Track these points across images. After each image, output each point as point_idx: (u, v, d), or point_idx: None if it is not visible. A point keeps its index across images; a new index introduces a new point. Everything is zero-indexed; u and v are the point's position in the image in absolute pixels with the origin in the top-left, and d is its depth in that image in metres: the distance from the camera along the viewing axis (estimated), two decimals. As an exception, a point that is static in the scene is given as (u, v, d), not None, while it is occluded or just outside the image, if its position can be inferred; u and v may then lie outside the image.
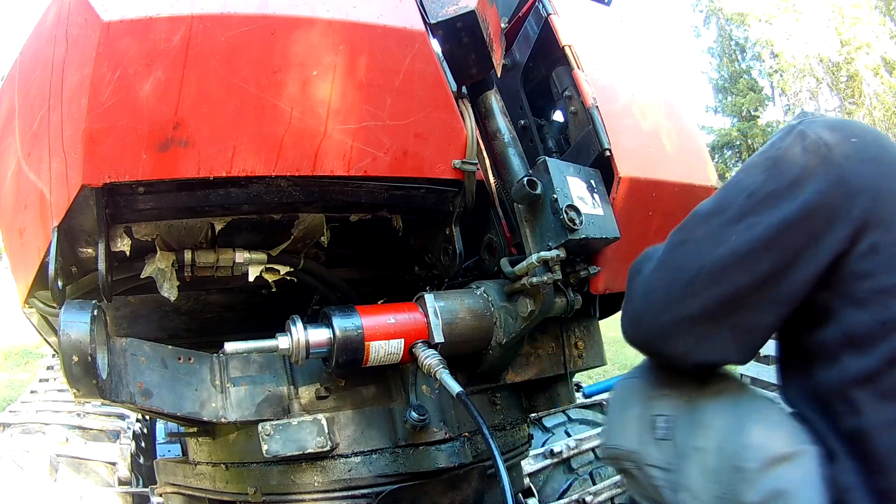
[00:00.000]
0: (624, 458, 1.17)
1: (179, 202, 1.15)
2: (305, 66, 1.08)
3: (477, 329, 1.31)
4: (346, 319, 1.20)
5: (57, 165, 1.06)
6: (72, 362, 1.01)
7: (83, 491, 1.97)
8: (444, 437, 1.33)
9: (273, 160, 1.09)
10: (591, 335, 1.69)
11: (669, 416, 1.12)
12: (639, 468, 1.14)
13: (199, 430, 1.38)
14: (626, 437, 1.16)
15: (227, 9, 1.04)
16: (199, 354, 1.26)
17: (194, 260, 1.24)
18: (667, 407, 1.13)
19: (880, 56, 11.70)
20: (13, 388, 4.85)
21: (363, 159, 1.16)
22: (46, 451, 2.05)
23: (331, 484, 1.27)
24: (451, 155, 1.25)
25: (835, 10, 11.83)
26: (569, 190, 1.26)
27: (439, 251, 1.43)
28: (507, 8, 1.62)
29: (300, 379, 1.31)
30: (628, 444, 1.15)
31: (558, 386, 1.67)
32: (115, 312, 1.49)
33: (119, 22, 0.99)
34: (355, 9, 1.13)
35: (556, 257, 1.23)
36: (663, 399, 1.15)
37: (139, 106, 1.01)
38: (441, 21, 1.23)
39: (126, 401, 1.13)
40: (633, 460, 1.15)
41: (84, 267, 1.24)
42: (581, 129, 1.44)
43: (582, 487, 2.20)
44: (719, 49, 16.62)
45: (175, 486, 1.54)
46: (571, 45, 1.45)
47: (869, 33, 11.67)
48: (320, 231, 1.34)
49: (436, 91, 1.20)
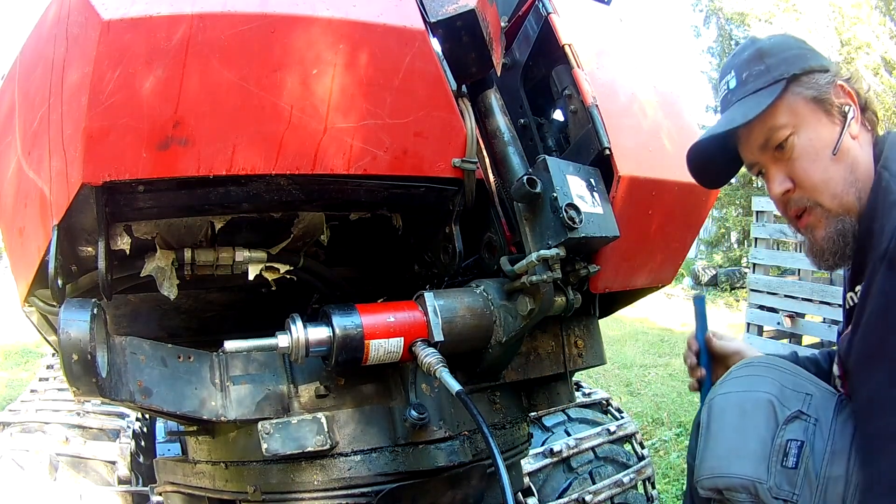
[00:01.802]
0: (740, 490, 1.07)
1: (179, 201, 1.15)
2: (305, 65, 1.09)
3: (477, 328, 1.31)
4: (346, 318, 1.20)
5: (57, 164, 1.06)
6: (71, 361, 1.02)
7: (83, 490, 1.96)
8: (443, 435, 1.33)
9: (273, 159, 1.09)
10: (590, 334, 1.69)
11: (802, 443, 1.06)
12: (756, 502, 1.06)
13: (199, 429, 1.38)
14: (748, 466, 1.07)
15: (228, 7, 1.04)
16: (198, 353, 1.26)
17: (194, 258, 1.25)
18: (800, 431, 1.07)
19: (880, 56, 11.69)
20: (13, 388, 4.85)
21: (363, 158, 1.16)
22: (46, 450, 2.05)
23: (330, 483, 1.27)
24: (450, 154, 1.25)
25: (835, 10, 11.81)
26: (568, 188, 1.26)
27: (439, 250, 1.43)
28: (507, 7, 1.62)
29: (300, 377, 1.31)
30: (753, 472, 1.06)
31: (558, 385, 1.68)
32: (114, 311, 1.49)
33: (119, 20, 0.99)
34: (355, 7, 1.13)
35: (555, 256, 1.23)
36: (795, 422, 1.08)
37: (139, 104, 1.01)
38: (441, 20, 1.23)
39: (126, 399, 1.13)
40: (755, 492, 1.06)
41: (84, 265, 1.24)
42: (581, 127, 1.44)
43: (581, 487, 2.20)
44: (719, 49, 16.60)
45: (175, 484, 1.54)
46: (571, 44, 1.45)
47: (869, 33, 11.66)
48: (320, 229, 1.34)
49: (436, 90, 1.20)
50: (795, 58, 1.23)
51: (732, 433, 1.12)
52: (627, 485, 2.29)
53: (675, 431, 3.89)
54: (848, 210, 1.20)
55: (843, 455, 1.05)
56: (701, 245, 14.67)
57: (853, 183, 1.19)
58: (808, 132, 1.21)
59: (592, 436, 2.38)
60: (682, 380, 5.18)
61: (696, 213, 1.66)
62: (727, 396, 1.18)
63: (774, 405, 1.11)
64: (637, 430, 2.56)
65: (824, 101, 1.21)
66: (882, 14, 12.06)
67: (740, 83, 1.26)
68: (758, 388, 1.15)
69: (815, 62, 1.23)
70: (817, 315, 5.49)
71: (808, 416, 1.11)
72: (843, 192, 1.20)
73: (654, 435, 3.91)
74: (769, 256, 5.91)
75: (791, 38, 1.30)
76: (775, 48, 1.25)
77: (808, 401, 1.13)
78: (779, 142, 1.23)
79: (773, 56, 1.24)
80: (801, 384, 1.17)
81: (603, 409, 2.68)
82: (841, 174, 1.20)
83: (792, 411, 1.10)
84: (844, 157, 1.20)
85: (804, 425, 1.09)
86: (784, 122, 1.22)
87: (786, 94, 1.21)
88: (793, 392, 1.14)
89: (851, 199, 1.19)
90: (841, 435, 1.08)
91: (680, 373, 5.36)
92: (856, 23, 11.65)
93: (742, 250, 13.24)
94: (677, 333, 7.09)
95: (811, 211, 1.23)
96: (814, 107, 1.22)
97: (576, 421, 2.51)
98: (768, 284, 5.94)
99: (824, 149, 1.20)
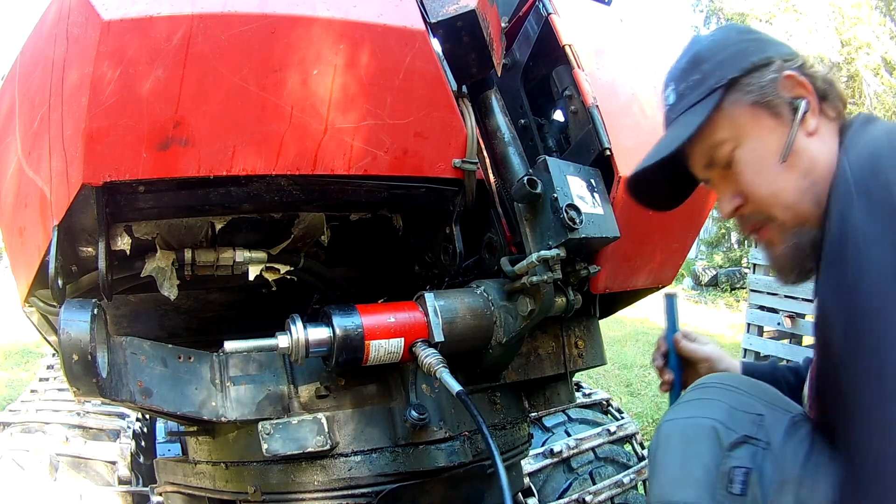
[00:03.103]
0: None
1: (180, 201, 1.15)
2: (305, 65, 1.08)
3: (477, 328, 1.31)
4: (346, 318, 1.20)
5: (57, 164, 1.06)
6: (72, 361, 1.02)
7: (83, 490, 1.97)
8: (443, 436, 1.33)
9: (273, 159, 1.09)
10: (591, 334, 1.69)
11: (748, 469, 1.00)
12: None
13: (199, 429, 1.38)
14: (692, 493, 1.02)
15: (228, 8, 1.04)
16: (198, 353, 1.26)
17: (194, 259, 1.25)
18: (747, 457, 1.02)
19: (880, 56, 11.69)
20: (13, 388, 4.84)
21: (363, 158, 1.16)
22: (46, 450, 2.05)
23: (330, 483, 1.27)
24: (451, 154, 1.25)
25: (835, 10, 11.82)
26: (569, 189, 1.26)
27: (439, 250, 1.43)
28: (508, 7, 1.62)
29: (300, 378, 1.31)
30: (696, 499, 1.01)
31: (558, 385, 1.68)
32: (115, 311, 1.49)
33: (119, 21, 0.99)
34: (355, 8, 1.13)
35: (556, 256, 1.23)
36: (742, 447, 1.02)
37: (139, 105, 1.01)
38: (441, 20, 1.23)
39: (126, 399, 1.13)
40: None
41: (84, 266, 1.24)
42: (581, 128, 1.44)
43: (581, 487, 2.20)
44: (719, 49, 16.60)
45: (175, 485, 1.54)
46: (572, 44, 1.45)
47: (869, 33, 11.66)
48: (320, 230, 1.34)
49: (436, 90, 1.20)
50: (733, 57, 1.10)
51: (676, 461, 1.07)
52: (628, 485, 2.29)
53: (675, 432, 3.89)
54: (804, 220, 1.08)
55: (791, 484, 0.99)
56: (701, 245, 14.67)
57: (808, 188, 1.07)
58: (751, 143, 1.10)
59: (593, 436, 2.38)
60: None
61: (697, 214, 1.66)
62: (672, 423, 1.12)
63: (718, 430, 1.05)
64: (637, 431, 2.56)
65: (768, 103, 1.08)
66: (882, 14, 12.07)
67: (678, 97, 1.16)
68: (702, 414, 1.09)
69: (756, 56, 1.09)
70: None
71: (758, 439, 1.04)
72: (797, 201, 1.07)
73: (655, 435, 3.91)
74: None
75: (732, 31, 1.17)
76: (712, 49, 1.13)
77: (759, 422, 1.06)
78: (722, 159, 1.12)
79: (709, 60, 1.12)
80: (751, 405, 1.08)
81: (603, 410, 2.68)
82: (793, 183, 1.07)
83: (738, 436, 1.04)
84: (797, 161, 1.07)
85: (752, 450, 1.03)
86: (724, 137, 1.11)
87: (722, 105, 1.09)
88: (743, 413, 1.07)
89: (807, 206, 1.07)
90: (791, 460, 1.01)
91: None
92: (856, 23, 11.65)
93: (742, 251, 13.23)
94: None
95: (766, 225, 1.13)
96: (756, 112, 1.09)
97: (576, 421, 2.51)
98: (768, 285, 5.93)
99: (771, 157, 1.08)
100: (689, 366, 1.43)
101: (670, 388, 1.43)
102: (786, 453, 1.02)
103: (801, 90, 1.09)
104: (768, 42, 1.14)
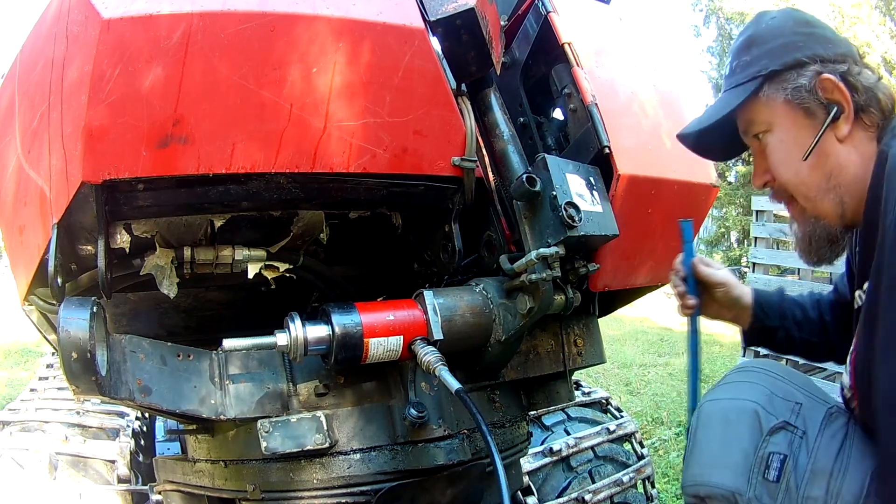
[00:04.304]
0: (719, 499, 1.04)
1: (179, 199, 1.15)
2: (305, 63, 1.09)
3: (476, 326, 1.31)
4: (345, 316, 1.20)
5: (57, 162, 1.06)
6: (71, 359, 1.02)
7: (82, 489, 1.97)
8: (443, 434, 1.33)
9: (272, 157, 1.09)
10: (590, 333, 1.69)
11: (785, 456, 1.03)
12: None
13: (199, 428, 1.38)
14: (728, 476, 1.04)
15: (227, 6, 1.04)
16: (198, 351, 1.26)
17: (194, 257, 1.25)
18: (784, 444, 1.04)
19: (880, 56, 11.70)
20: (13, 387, 4.84)
21: (363, 156, 1.16)
22: (46, 448, 2.05)
23: (330, 481, 1.27)
24: (450, 152, 1.25)
25: (835, 10, 11.82)
26: (568, 187, 1.26)
27: (438, 248, 1.43)
28: (507, 5, 1.62)
29: (299, 376, 1.31)
30: (733, 483, 1.03)
31: (558, 383, 1.68)
32: (114, 309, 1.49)
33: (119, 19, 0.99)
34: (355, 6, 1.13)
35: (555, 254, 1.23)
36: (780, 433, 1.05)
37: (139, 103, 1.01)
38: (441, 18, 1.23)
39: (125, 398, 1.13)
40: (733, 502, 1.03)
41: (84, 264, 1.24)
42: (580, 126, 1.45)
43: (581, 486, 2.20)
44: (719, 48, 16.61)
45: (174, 483, 1.54)
46: (571, 42, 1.45)
47: (869, 33, 11.67)
48: (320, 228, 1.34)
49: (435, 88, 1.20)
50: (782, 49, 1.15)
51: (716, 442, 1.10)
52: (627, 484, 2.29)
53: (674, 430, 3.90)
54: (822, 215, 1.15)
55: (823, 476, 1.01)
56: (701, 244, 14.68)
57: (831, 190, 1.12)
58: (780, 133, 1.17)
59: (592, 435, 2.38)
60: (681, 379, 5.18)
61: (696, 212, 1.66)
62: (714, 403, 1.15)
63: (759, 414, 1.08)
64: (637, 430, 2.56)
65: (801, 102, 1.13)
66: (882, 14, 12.07)
67: (731, 71, 1.23)
68: (745, 396, 1.12)
69: (805, 52, 1.13)
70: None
71: (795, 427, 1.07)
72: (817, 197, 1.14)
73: (654, 434, 3.91)
74: (769, 256, 5.90)
75: (791, 18, 1.19)
76: (767, 35, 1.18)
77: (797, 410, 1.09)
78: (754, 134, 1.21)
79: (760, 46, 1.17)
80: (791, 392, 1.12)
81: (602, 408, 2.68)
82: (815, 180, 1.14)
83: (778, 421, 1.06)
84: (822, 162, 1.12)
85: (789, 437, 1.05)
86: (759, 119, 1.19)
87: (759, 94, 1.16)
88: (782, 400, 1.10)
89: (828, 205, 1.13)
90: (825, 452, 1.04)
91: (680, 372, 5.35)
92: (856, 22, 11.66)
93: (742, 250, 13.25)
94: (677, 333, 7.08)
95: (791, 202, 1.21)
96: (789, 107, 1.14)
97: (575, 420, 2.51)
98: (768, 284, 5.93)
99: (796, 152, 1.14)
100: (704, 290, 1.46)
101: (692, 311, 1.45)
102: (820, 444, 1.04)
103: (837, 95, 1.11)
104: (822, 39, 1.16)
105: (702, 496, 1.08)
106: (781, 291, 1.52)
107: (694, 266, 1.44)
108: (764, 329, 1.47)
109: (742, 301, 1.47)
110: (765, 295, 1.49)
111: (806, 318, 1.47)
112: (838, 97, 1.11)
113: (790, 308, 1.48)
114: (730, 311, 1.48)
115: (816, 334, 1.46)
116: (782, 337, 1.47)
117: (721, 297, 1.45)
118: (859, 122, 1.12)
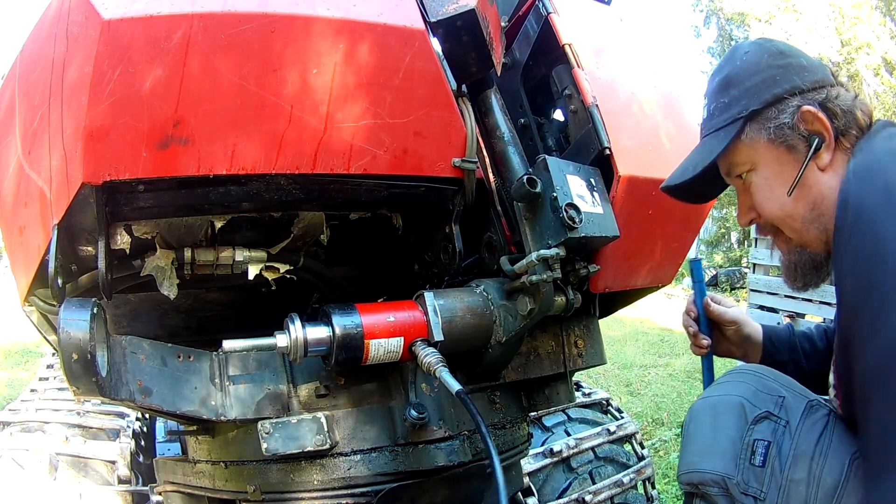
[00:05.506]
0: (711, 484, 1.12)
1: (179, 200, 1.15)
2: (305, 64, 1.08)
3: (476, 327, 1.31)
4: (346, 317, 1.20)
5: (57, 163, 1.06)
6: (71, 360, 1.02)
7: (83, 489, 1.97)
8: (443, 435, 1.33)
9: (273, 158, 1.09)
10: (590, 334, 1.69)
11: (769, 443, 1.09)
12: (727, 496, 1.10)
13: (199, 429, 1.38)
14: (718, 462, 1.11)
15: (228, 7, 1.04)
16: (198, 352, 1.26)
17: (194, 258, 1.25)
18: (768, 432, 1.11)
19: (880, 56, 11.71)
20: (13, 387, 4.84)
21: (363, 157, 1.16)
22: (46, 449, 2.05)
23: (330, 482, 1.27)
24: (450, 153, 1.25)
25: (835, 10, 11.83)
26: (568, 188, 1.26)
27: (439, 249, 1.43)
28: (508, 6, 1.62)
29: (299, 377, 1.31)
30: (722, 468, 1.10)
31: (558, 385, 1.68)
32: (114, 310, 1.49)
33: (119, 20, 0.99)
34: (355, 7, 1.13)
35: (555, 255, 1.23)
36: (764, 423, 1.11)
37: (139, 104, 1.01)
38: (441, 19, 1.23)
39: (125, 399, 1.13)
40: (725, 487, 1.10)
41: (84, 265, 1.24)
42: (581, 127, 1.44)
43: (581, 487, 2.20)
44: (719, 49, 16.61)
45: (175, 484, 1.54)
46: (571, 43, 1.45)
47: (869, 33, 11.68)
48: (320, 229, 1.34)
49: (436, 89, 1.20)
50: (760, 86, 1.16)
51: (706, 433, 1.17)
52: (627, 485, 2.29)
53: (674, 431, 3.89)
54: (807, 244, 1.18)
55: (805, 459, 1.07)
56: (701, 245, 14.68)
57: (815, 219, 1.15)
58: (763, 171, 1.18)
59: (592, 436, 2.38)
60: (681, 380, 5.17)
61: (696, 213, 1.66)
62: (704, 401, 1.23)
63: (745, 406, 1.14)
64: (637, 430, 2.56)
65: (784, 140, 1.14)
66: (882, 14, 12.08)
67: (710, 114, 1.24)
68: (731, 392, 1.19)
69: (783, 86, 1.14)
70: (817, 315, 5.49)
71: (778, 417, 1.13)
72: (803, 227, 1.17)
73: (654, 435, 3.91)
74: (769, 256, 5.91)
75: (766, 51, 1.19)
76: (743, 73, 1.18)
77: (780, 403, 1.15)
78: (738, 174, 1.23)
79: (738, 86, 1.18)
80: (774, 388, 1.18)
81: (603, 409, 2.68)
82: (800, 212, 1.16)
83: (761, 412, 1.13)
84: (805, 194, 1.15)
85: (773, 426, 1.11)
86: (741, 161, 1.20)
87: (742, 135, 1.17)
88: (766, 395, 1.16)
89: (813, 233, 1.16)
90: (805, 438, 1.09)
91: (680, 373, 5.35)
92: (856, 23, 11.66)
93: (742, 250, 13.24)
94: (677, 333, 7.08)
95: (778, 234, 1.24)
96: (771, 147, 1.16)
97: (576, 421, 2.51)
98: (768, 284, 5.94)
99: (780, 188, 1.16)
100: (716, 328, 1.50)
101: (706, 351, 1.49)
102: (801, 431, 1.10)
103: (818, 125, 1.13)
104: (797, 69, 1.16)
105: (695, 482, 1.15)
106: (790, 326, 1.54)
107: (706, 305, 1.48)
108: (774, 364, 1.46)
109: (753, 338, 1.49)
110: (774, 330, 1.52)
111: (814, 349, 1.47)
112: (819, 127, 1.13)
113: (799, 341, 1.49)
114: (740, 348, 1.51)
115: (826, 364, 1.46)
116: (792, 370, 1.48)
117: (732, 335, 1.49)
118: (839, 145, 1.14)
